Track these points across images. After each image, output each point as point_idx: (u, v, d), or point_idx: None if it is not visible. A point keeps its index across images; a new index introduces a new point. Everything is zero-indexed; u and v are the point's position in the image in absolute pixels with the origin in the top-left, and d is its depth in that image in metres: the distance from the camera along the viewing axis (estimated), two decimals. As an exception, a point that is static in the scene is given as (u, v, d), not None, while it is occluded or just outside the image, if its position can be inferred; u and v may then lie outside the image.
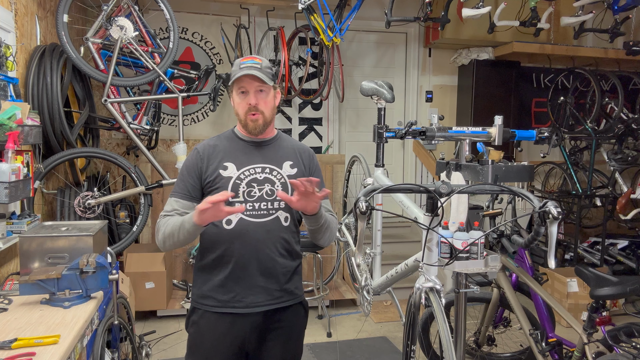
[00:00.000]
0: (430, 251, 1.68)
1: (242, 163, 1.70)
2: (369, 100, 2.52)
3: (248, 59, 1.70)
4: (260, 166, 1.71)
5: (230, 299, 1.68)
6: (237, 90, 1.69)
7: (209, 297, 1.70)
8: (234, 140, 1.76)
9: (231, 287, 1.68)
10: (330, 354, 3.45)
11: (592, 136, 4.75)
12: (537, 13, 4.52)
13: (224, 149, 1.73)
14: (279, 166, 1.74)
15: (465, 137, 2.03)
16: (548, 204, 1.46)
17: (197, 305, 1.73)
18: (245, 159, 1.71)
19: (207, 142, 1.78)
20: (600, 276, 2.46)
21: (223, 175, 1.67)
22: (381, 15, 4.44)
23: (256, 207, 1.68)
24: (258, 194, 1.68)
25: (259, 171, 1.71)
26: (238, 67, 1.68)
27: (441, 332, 1.57)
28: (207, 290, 1.71)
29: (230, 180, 1.67)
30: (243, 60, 1.70)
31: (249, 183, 1.68)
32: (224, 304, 1.68)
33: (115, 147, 4.72)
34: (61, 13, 3.21)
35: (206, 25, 4.88)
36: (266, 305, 1.70)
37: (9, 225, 2.44)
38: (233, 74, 1.69)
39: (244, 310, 1.68)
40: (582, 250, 4.87)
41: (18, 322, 1.81)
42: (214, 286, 1.69)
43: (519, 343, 3.20)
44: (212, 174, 1.68)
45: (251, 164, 1.71)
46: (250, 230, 1.66)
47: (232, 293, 1.68)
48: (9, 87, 2.67)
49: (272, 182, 1.71)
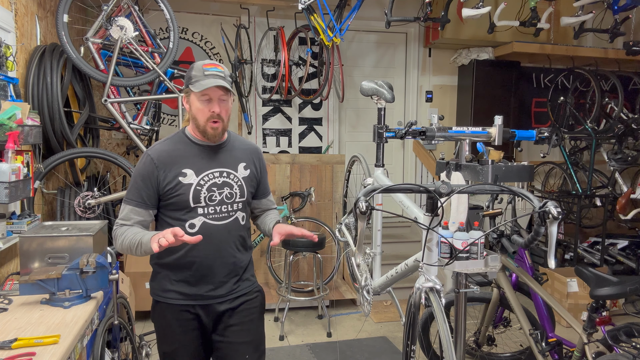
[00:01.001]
0: (430, 251, 1.68)
1: (200, 169, 1.73)
2: (369, 100, 2.52)
3: (211, 65, 1.70)
4: (217, 170, 1.76)
5: (193, 293, 1.77)
6: (199, 96, 1.68)
7: (171, 292, 1.77)
8: (188, 145, 1.76)
9: (194, 283, 1.76)
10: (330, 354, 3.45)
11: (592, 136, 4.75)
12: (537, 13, 4.53)
13: (180, 154, 1.73)
14: (235, 169, 1.80)
15: (465, 137, 2.03)
16: (548, 204, 1.46)
17: (159, 298, 1.79)
18: (203, 164, 1.75)
19: (159, 147, 1.75)
20: (600, 276, 2.46)
21: (183, 182, 1.71)
22: (381, 15, 4.44)
23: (217, 210, 1.75)
24: (219, 197, 1.75)
25: (217, 175, 1.76)
26: (202, 74, 1.67)
27: (441, 332, 1.57)
28: (169, 286, 1.77)
29: (191, 186, 1.71)
30: (207, 67, 1.69)
31: (209, 188, 1.74)
32: (187, 297, 1.77)
33: (115, 147, 4.72)
34: (61, 13, 3.21)
35: (206, 25, 4.88)
36: (227, 296, 1.81)
37: (9, 225, 2.44)
38: (197, 79, 1.67)
39: (208, 302, 1.78)
40: (582, 250, 4.87)
41: (18, 322, 1.81)
42: (176, 282, 1.77)
43: (519, 343, 3.20)
44: (172, 181, 1.70)
45: (209, 168, 1.75)
46: (213, 232, 1.74)
47: (195, 288, 1.77)
48: (9, 87, 2.67)
49: (231, 185, 1.78)
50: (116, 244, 1.71)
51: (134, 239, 1.64)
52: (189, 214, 1.72)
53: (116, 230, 1.72)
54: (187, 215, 1.73)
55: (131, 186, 1.73)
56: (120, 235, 1.69)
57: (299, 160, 4.67)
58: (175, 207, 1.73)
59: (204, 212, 1.73)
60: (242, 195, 1.81)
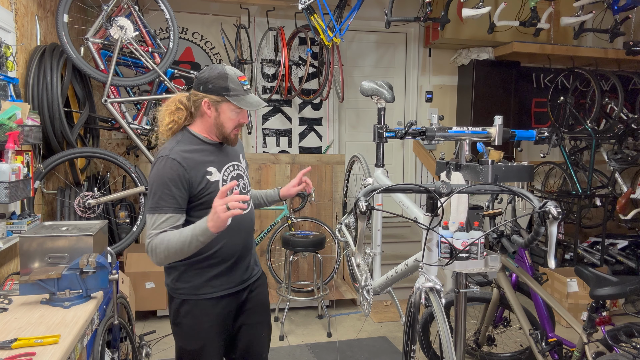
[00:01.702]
0: (430, 251, 1.68)
1: (219, 165, 1.80)
2: (369, 100, 2.52)
3: (243, 78, 1.76)
4: (231, 164, 1.85)
5: (224, 282, 1.83)
6: (235, 108, 1.73)
7: (203, 287, 1.80)
8: (201, 144, 1.79)
9: (227, 273, 1.84)
10: (330, 354, 3.46)
11: (592, 136, 4.75)
12: (537, 13, 4.53)
13: (199, 155, 1.75)
14: (239, 161, 1.92)
15: (465, 137, 2.03)
16: (548, 204, 1.46)
17: (189, 297, 1.81)
18: (219, 160, 1.80)
19: (178, 149, 1.72)
20: (600, 276, 2.46)
21: (211, 180, 1.74)
22: (381, 15, 4.44)
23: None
24: (238, 188, 1.85)
25: (232, 169, 1.85)
26: (241, 88, 1.73)
27: (441, 332, 1.57)
28: (202, 282, 1.80)
29: (218, 183, 1.76)
30: (242, 80, 1.74)
31: (231, 180, 1.82)
32: (218, 288, 1.82)
33: (115, 147, 4.72)
34: (61, 13, 3.21)
35: (206, 25, 4.88)
36: (249, 280, 1.93)
37: (9, 225, 2.44)
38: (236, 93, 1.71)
39: (235, 289, 1.87)
40: (582, 250, 4.87)
41: (18, 322, 1.81)
42: (210, 277, 1.80)
43: (519, 343, 3.20)
44: (202, 181, 1.72)
45: (225, 163, 1.82)
46: (241, 222, 1.83)
47: (226, 277, 1.84)
48: (9, 87, 2.67)
49: (242, 176, 1.90)
50: (157, 255, 1.61)
51: (182, 236, 1.58)
52: None
53: (152, 240, 1.61)
54: None
55: (160, 193, 1.64)
56: (160, 242, 1.60)
57: (299, 160, 4.67)
58: (206, 206, 1.68)
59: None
60: (249, 184, 1.96)
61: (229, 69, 1.74)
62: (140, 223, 3.57)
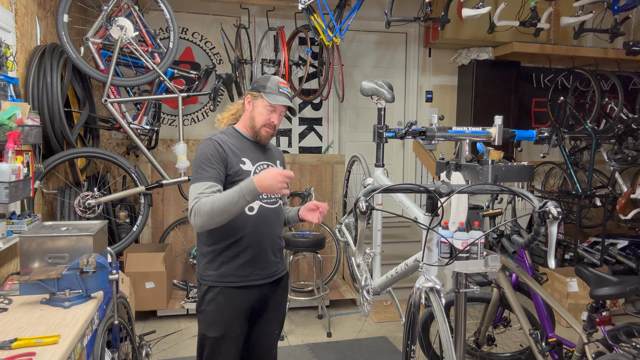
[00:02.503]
0: (430, 251, 1.68)
1: (254, 159, 1.96)
2: (369, 100, 2.52)
3: (285, 85, 1.98)
4: (265, 163, 2.01)
5: (249, 273, 1.94)
6: (267, 105, 1.93)
7: (230, 275, 1.92)
8: (241, 139, 1.99)
9: (252, 264, 1.94)
10: (330, 354, 3.46)
11: (592, 136, 4.75)
12: (537, 13, 4.53)
13: (237, 145, 1.94)
14: (274, 163, 2.07)
15: (465, 137, 2.03)
16: (548, 204, 1.46)
17: (216, 284, 1.92)
18: (255, 156, 1.98)
19: (219, 136, 1.93)
20: (600, 276, 2.46)
21: (243, 169, 1.91)
22: (381, 15, 4.44)
23: (269, 195, 1.96)
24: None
25: (266, 166, 1.99)
26: (277, 89, 1.94)
27: (441, 332, 1.57)
28: (227, 270, 1.92)
29: (250, 173, 1.91)
30: (281, 85, 1.96)
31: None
32: (243, 279, 1.93)
33: (115, 147, 4.72)
34: (61, 13, 3.21)
35: (206, 25, 4.88)
36: (274, 276, 2.02)
37: (9, 225, 2.44)
38: (271, 91, 1.92)
39: (259, 282, 1.97)
40: (582, 250, 4.87)
41: (18, 322, 1.81)
42: (236, 265, 1.92)
43: (519, 343, 3.20)
44: (235, 166, 1.89)
45: (260, 160, 1.99)
46: (268, 215, 1.97)
47: (252, 268, 1.94)
48: (9, 87, 2.67)
49: None
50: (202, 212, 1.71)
51: (229, 195, 1.71)
52: None
53: (197, 202, 1.73)
54: None
55: (204, 165, 1.82)
56: (206, 202, 1.72)
57: (299, 160, 4.67)
58: None
59: (261, 197, 1.91)
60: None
61: (275, 76, 2.00)
62: (140, 223, 3.57)
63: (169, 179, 3.66)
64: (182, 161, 3.65)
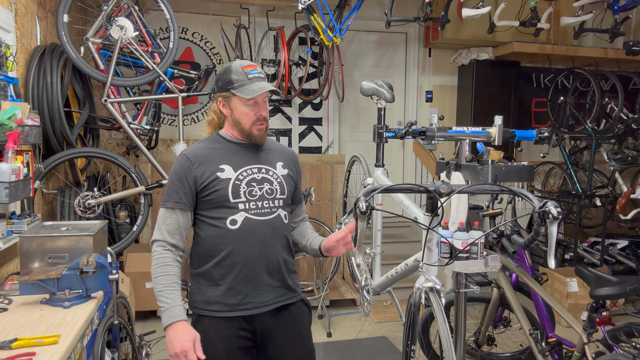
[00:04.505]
0: (430, 251, 1.68)
1: (238, 164, 1.69)
2: (369, 100, 2.52)
3: (251, 67, 1.67)
4: (256, 167, 1.71)
5: (239, 301, 1.65)
6: (245, 101, 1.65)
7: (216, 303, 1.66)
8: (224, 143, 1.73)
9: (240, 290, 1.65)
10: (330, 353, 3.45)
11: (592, 136, 4.75)
12: (537, 13, 4.53)
13: (216, 152, 1.70)
14: (273, 166, 1.76)
15: (465, 137, 2.03)
16: (548, 204, 1.46)
17: (202, 312, 1.68)
18: (240, 160, 1.70)
19: (194, 147, 1.72)
20: (600, 276, 2.46)
21: (221, 178, 1.65)
22: (381, 15, 4.44)
23: (259, 205, 1.67)
24: (259, 192, 1.68)
25: (256, 171, 1.71)
26: (245, 77, 1.65)
27: (441, 332, 1.57)
28: (213, 296, 1.66)
29: (229, 181, 1.65)
30: (247, 69, 1.66)
31: (249, 183, 1.68)
32: (232, 308, 1.65)
33: (115, 147, 4.72)
34: (61, 13, 3.21)
35: (206, 25, 4.88)
36: (273, 304, 1.69)
37: (9, 225, 2.44)
38: (240, 84, 1.64)
39: (253, 312, 1.66)
40: (582, 250, 4.87)
41: (18, 322, 1.80)
42: (221, 291, 1.65)
43: (519, 343, 3.20)
44: (209, 177, 1.64)
45: (247, 164, 1.70)
46: (257, 228, 1.65)
47: (241, 295, 1.65)
48: (9, 87, 2.67)
49: (270, 181, 1.72)
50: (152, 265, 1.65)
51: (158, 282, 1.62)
52: (229, 210, 1.64)
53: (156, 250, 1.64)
54: (227, 211, 1.64)
55: (168, 188, 1.67)
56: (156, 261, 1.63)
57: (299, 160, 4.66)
58: (214, 205, 1.65)
59: (246, 207, 1.65)
60: (283, 193, 1.74)
61: (235, 62, 1.70)
62: (140, 223, 3.57)
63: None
64: (182, 161, 3.65)
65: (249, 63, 1.69)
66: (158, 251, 1.64)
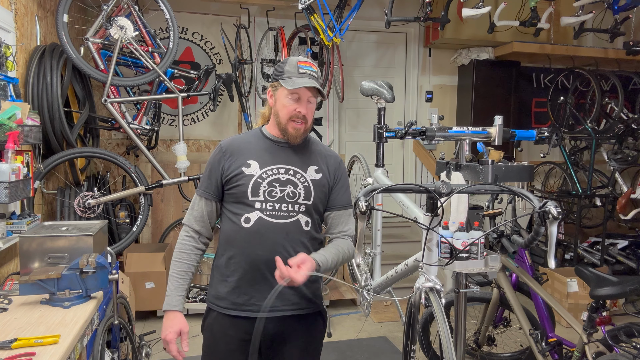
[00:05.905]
0: (430, 251, 1.68)
1: (265, 162, 1.65)
2: (369, 100, 2.52)
3: (306, 63, 1.64)
4: (284, 167, 1.66)
5: (244, 302, 1.64)
6: (288, 94, 1.61)
7: (223, 299, 1.66)
8: (261, 139, 1.71)
9: (245, 290, 1.63)
10: (330, 353, 3.45)
11: (592, 136, 4.75)
12: (537, 13, 4.53)
13: (250, 146, 1.68)
14: (304, 170, 1.68)
15: (465, 137, 2.03)
16: (548, 204, 1.46)
17: (211, 306, 1.70)
18: (270, 158, 1.66)
19: (233, 137, 1.75)
20: (600, 276, 2.46)
21: (245, 173, 1.63)
22: (381, 15, 4.44)
23: (276, 207, 1.62)
24: (279, 194, 1.63)
25: (282, 172, 1.65)
26: (296, 71, 1.61)
27: (441, 332, 1.57)
28: (222, 292, 1.67)
29: (252, 178, 1.63)
30: (301, 64, 1.62)
31: (271, 183, 1.63)
32: (238, 307, 1.64)
33: (115, 147, 4.72)
34: (61, 13, 3.20)
35: (206, 25, 4.88)
36: (281, 311, 1.64)
37: (9, 225, 2.44)
38: (289, 76, 1.61)
39: (257, 314, 1.59)
40: (582, 250, 4.87)
41: (18, 322, 1.80)
42: (229, 288, 1.65)
43: (519, 343, 3.20)
44: (234, 170, 1.64)
45: (275, 164, 1.65)
46: (268, 230, 1.61)
47: (247, 296, 1.63)
48: (9, 87, 2.67)
49: (295, 184, 1.66)
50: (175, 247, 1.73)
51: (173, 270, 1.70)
52: (246, 207, 1.62)
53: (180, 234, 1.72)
54: (245, 208, 1.63)
55: (204, 177, 1.73)
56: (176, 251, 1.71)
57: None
58: (234, 199, 1.65)
59: (262, 207, 1.61)
60: (308, 198, 1.66)
61: (294, 57, 1.68)
62: (140, 223, 3.57)
63: (168, 179, 3.66)
64: (182, 161, 3.65)
65: (306, 60, 1.66)
66: (181, 236, 1.73)
